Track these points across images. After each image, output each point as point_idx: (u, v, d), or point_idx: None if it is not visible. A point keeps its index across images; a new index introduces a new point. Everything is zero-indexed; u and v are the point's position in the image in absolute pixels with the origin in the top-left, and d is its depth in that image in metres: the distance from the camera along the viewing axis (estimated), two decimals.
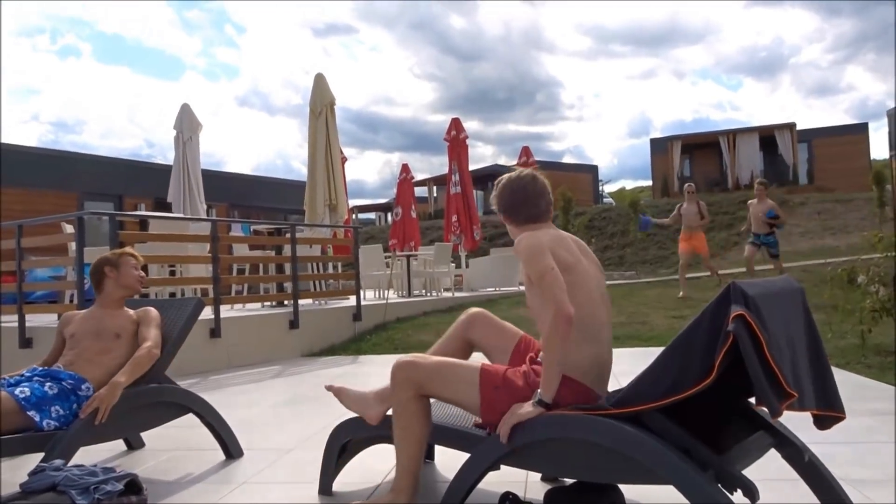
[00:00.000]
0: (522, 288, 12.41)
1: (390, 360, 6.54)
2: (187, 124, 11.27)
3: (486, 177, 25.85)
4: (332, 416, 4.17)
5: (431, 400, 2.38)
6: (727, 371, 1.72)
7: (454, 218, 12.90)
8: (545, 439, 1.98)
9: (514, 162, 22.84)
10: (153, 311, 3.16)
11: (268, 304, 8.43)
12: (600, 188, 32.72)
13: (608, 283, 2.93)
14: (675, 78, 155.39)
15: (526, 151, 15.97)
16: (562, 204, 19.03)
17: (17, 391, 2.75)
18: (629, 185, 57.82)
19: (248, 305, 8.33)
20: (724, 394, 1.92)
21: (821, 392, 1.91)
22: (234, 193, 17.79)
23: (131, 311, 3.17)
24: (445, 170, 13.28)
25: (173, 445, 3.61)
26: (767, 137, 24.90)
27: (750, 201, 10.01)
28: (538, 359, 2.25)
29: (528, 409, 2.02)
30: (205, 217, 10.66)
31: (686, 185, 10.49)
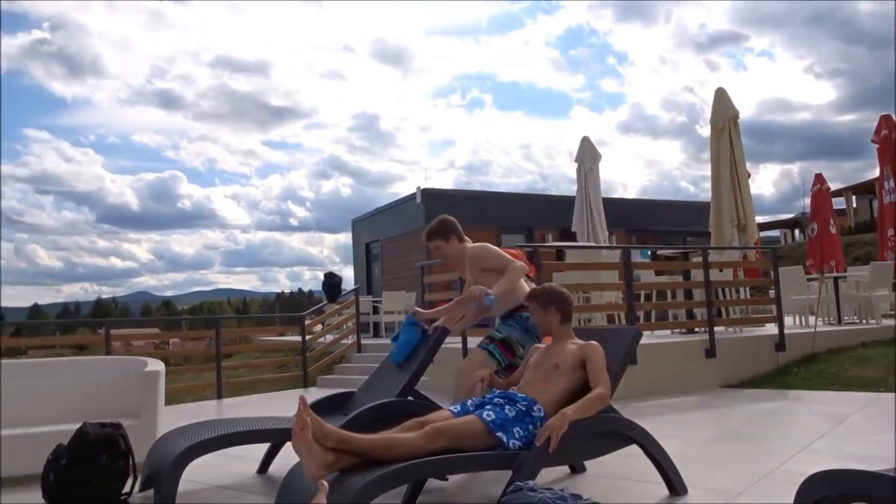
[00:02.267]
0: None
1: (828, 397, 5.84)
2: (588, 156, 11.78)
3: None
4: (775, 460, 3.82)
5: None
6: None
7: (890, 232, 11.02)
8: None
9: None
10: (598, 348, 3.24)
11: (676, 331, 8.22)
12: None
13: None
14: None
15: None
16: None
17: (483, 414, 3.05)
18: None
19: (656, 332, 8.23)
20: None
21: None
22: (630, 219, 17.97)
23: (575, 344, 3.32)
24: (861, 176, 11.49)
25: (614, 473, 3.67)
26: None
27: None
28: None
29: None
30: (609, 244, 10.95)
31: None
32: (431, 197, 16.49)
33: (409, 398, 4.01)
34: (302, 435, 2.50)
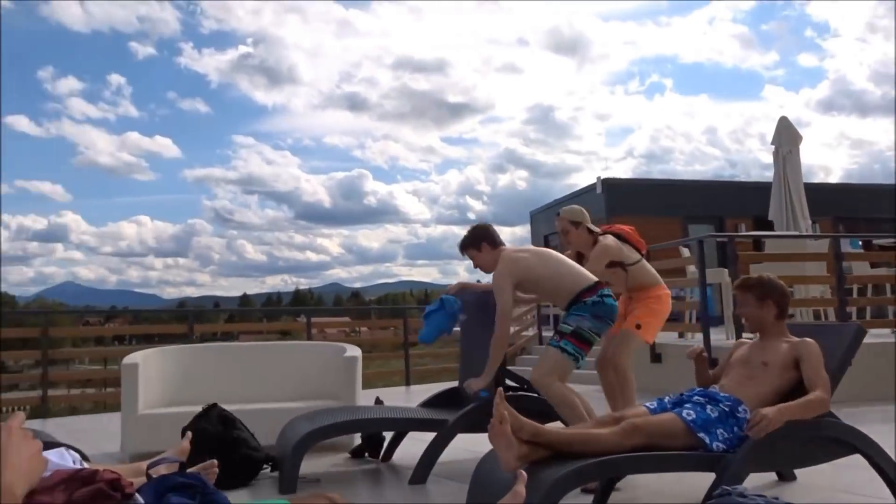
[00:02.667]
0: None
1: None
2: (786, 138, 10.80)
3: None
4: None
5: None
6: None
7: None
8: None
9: None
10: (814, 346, 2.96)
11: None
12: None
13: None
14: None
15: None
16: None
17: (683, 412, 2.88)
18: None
19: (872, 331, 7.39)
20: None
21: None
22: (835, 206, 16.31)
23: (788, 342, 3.06)
24: None
25: (829, 484, 3.35)
26: None
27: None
28: None
29: None
30: (814, 234, 10.02)
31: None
32: (612, 187, 16.09)
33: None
34: (501, 428, 2.53)
